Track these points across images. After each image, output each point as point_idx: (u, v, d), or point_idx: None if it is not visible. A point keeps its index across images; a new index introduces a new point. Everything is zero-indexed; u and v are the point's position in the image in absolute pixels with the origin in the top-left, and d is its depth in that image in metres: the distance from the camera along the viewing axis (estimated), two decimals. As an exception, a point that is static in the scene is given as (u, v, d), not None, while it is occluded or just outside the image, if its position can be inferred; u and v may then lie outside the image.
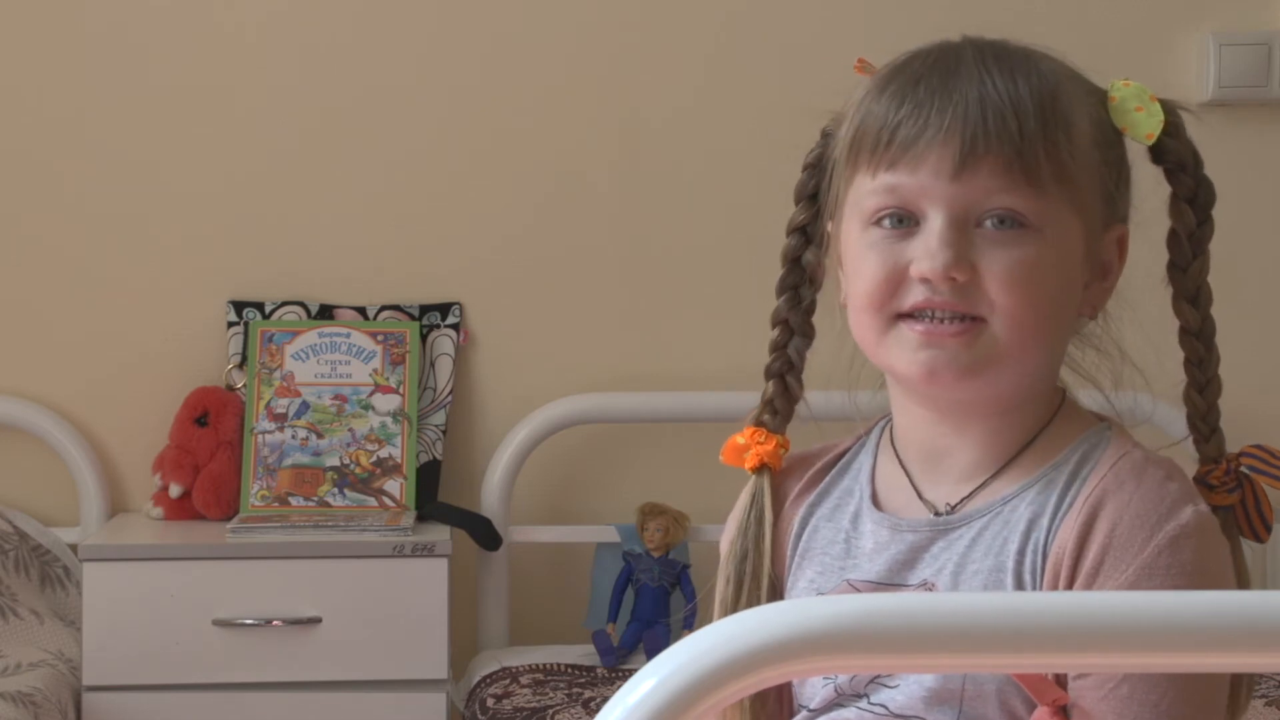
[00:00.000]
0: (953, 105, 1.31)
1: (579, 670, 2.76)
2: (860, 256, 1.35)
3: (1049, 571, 1.30)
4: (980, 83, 1.32)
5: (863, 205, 1.35)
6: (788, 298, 1.48)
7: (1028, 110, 1.31)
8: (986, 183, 1.30)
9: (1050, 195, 1.31)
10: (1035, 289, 1.31)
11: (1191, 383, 1.42)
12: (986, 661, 1.03)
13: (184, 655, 2.64)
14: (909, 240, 1.32)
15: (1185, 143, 1.40)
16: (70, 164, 2.95)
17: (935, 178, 1.31)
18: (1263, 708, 2.56)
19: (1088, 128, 1.34)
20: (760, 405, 1.49)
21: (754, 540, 1.45)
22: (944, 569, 1.34)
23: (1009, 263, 1.30)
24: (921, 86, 1.33)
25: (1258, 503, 1.41)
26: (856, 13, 3.00)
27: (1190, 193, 1.40)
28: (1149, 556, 1.26)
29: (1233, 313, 3.00)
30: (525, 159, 3.00)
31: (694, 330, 3.01)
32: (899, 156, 1.32)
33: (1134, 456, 1.33)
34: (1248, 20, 3.05)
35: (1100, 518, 1.29)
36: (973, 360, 1.31)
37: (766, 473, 1.47)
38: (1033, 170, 1.30)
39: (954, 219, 1.31)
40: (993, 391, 1.34)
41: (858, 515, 1.42)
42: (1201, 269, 1.41)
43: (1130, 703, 1.25)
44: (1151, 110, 1.37)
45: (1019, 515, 1.33)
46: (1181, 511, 1.28)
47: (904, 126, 1.32)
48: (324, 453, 2.87)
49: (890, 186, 1.33)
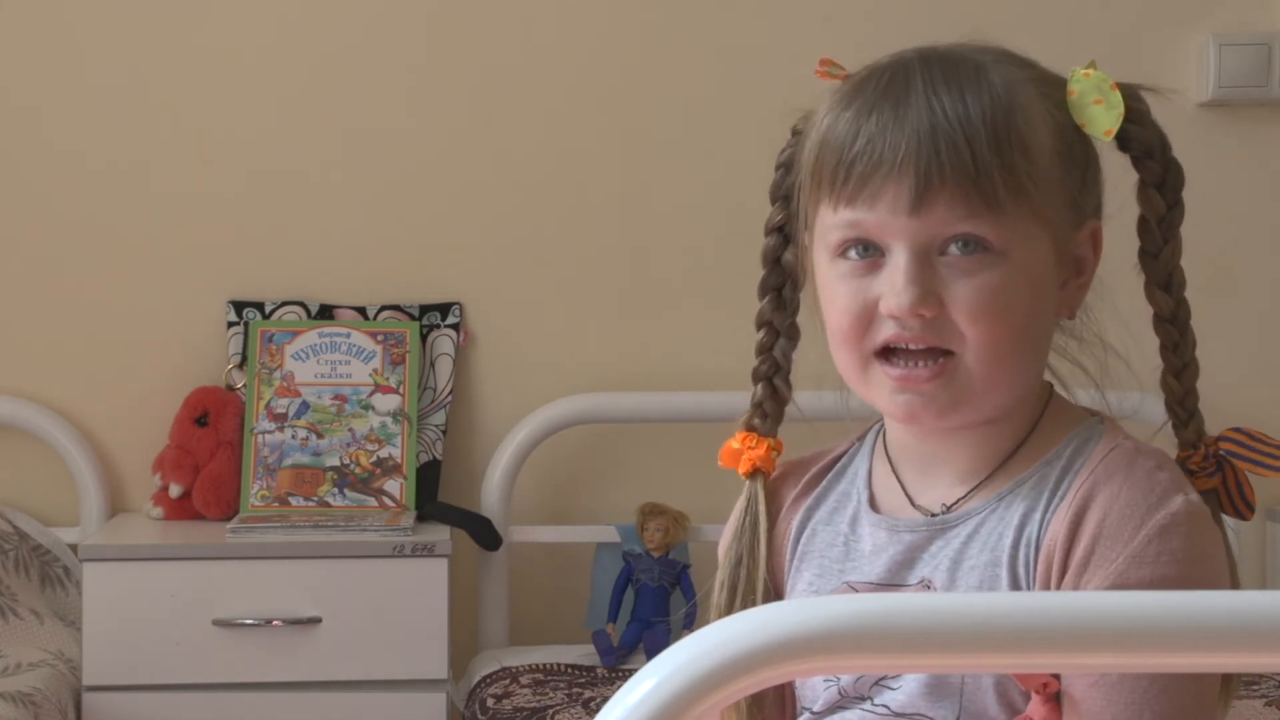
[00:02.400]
0: (905, 139, 1.30)
1: (579, 670, 2.76)
2: (832, 290, 1.35)
3: (1041, 563, 1.30)
4: (930, 110, 1.30)
5: (828, 239, 1.35)
6: (770, 299, 1.48)
7: (980, 136, 1.29)
8: (945, 213, 1.29)
9: (1011, 216, 1.30)
10: (1003, 316, 1.30)
11: (1168, 368, 1.41)
12: (987, 661, 1.03)
13: (184, 655, 2.64)
14: (876, 274, 1.32)
15: (1150, 127, 1.38)
16: (70, 164, 2.95)
17: (893, 214, 1.30)
18: (1263, 708, 2.56)
19: (1046, 139, 1.33)
20: (750, 409, 1.49)
21: (748, 545, 1.45)
22: (940, 566, 1.35)
23: (975, 292, 1.30)
24: (874, 118, 1.32)
25: (1239, 485, 1.41)
26: (856, 14, 3.00)
27: (1158, 178, 1.39)
28: (1139, 545, 1.26)
29: (1232, 312, 3.03)
30: (525, 159, 3.00)
31: (694, 330, 3.01)
32: (856, 194, 1.31)
33: (1125, 448, 1.33)
34: (1248, 20, 3.05)
35: (1091, 508, 1.29)
36: (951, 399, 1.32)
37: (760, 477, 1.47)
38: (990, 195, 1.29)
39: (917, 252, 1.30)
40: (975, 417, 1.35)
41: (856, 518, 1.42)
42: (1173, 253, 1.40)
43: (1119, 689, 1.25)
44: (1111, 101, 1.35)
45: (1013, 511, 1.33)
46: (1172, 500, 1.28)
47: (858, 163, 1.31)
48: (324, 453, 2.87)
49: (851, 222, 1.32)
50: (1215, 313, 2.87)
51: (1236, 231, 3.03)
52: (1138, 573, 1.25)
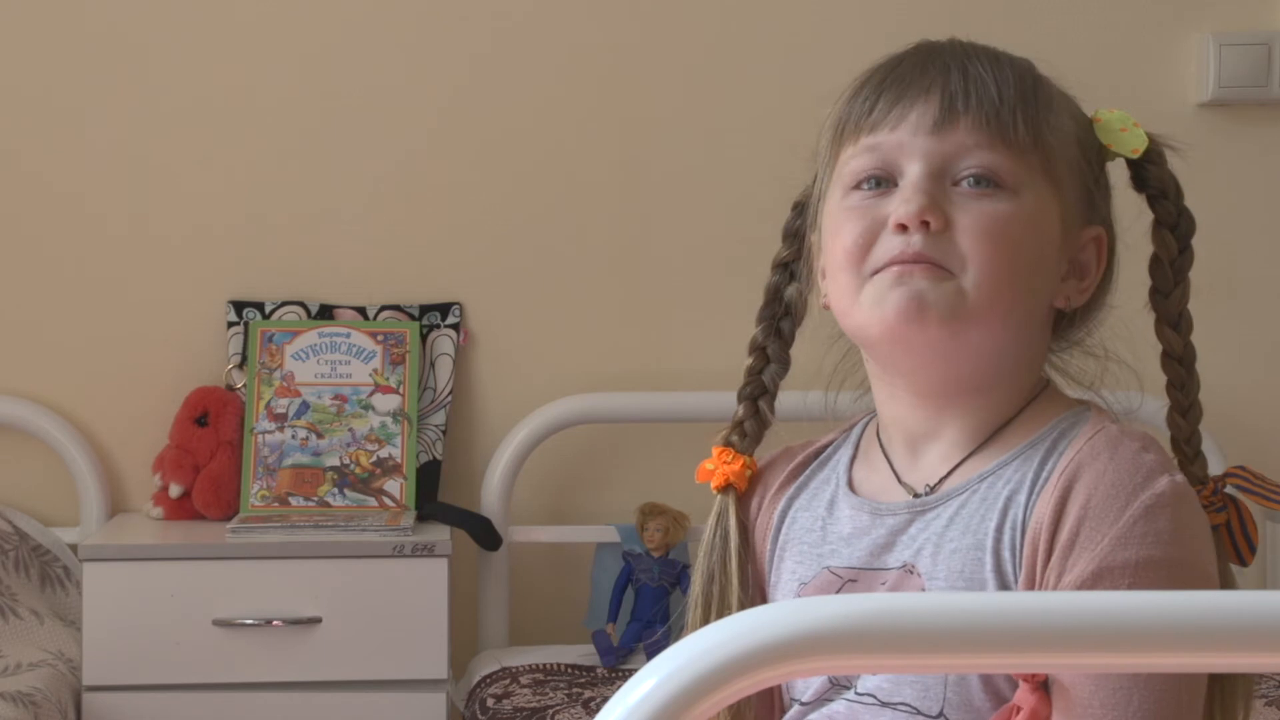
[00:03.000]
0: (936, 70, 1.36)
1: (579, 670, 2.76)
2: (839, 219, 1.37)
3: (1027, 546, 1.30)
4: (963, 61, 1.36)
5: (844, 172, 1.38)
6: (764, 327, 1.50)
7: (1009, 81, 1.35)
8: (964, 139, 1.33)
9: (1027, 160, 1.34)
10: (1007, 245, 1.32)
11: (1175, 406, 1.43)
12: (987, 661, 1.03)
13: (184, 655, 2.64)
14: (887, 198, 1.35)
15: (1167, 172, 1.42)
16: (70, 164, 2.95)
17: (914, 133, 1.34)
18: (1262, 707, 2.56)
19: (1070, 124, 1.38)
20: (730, 426, 1.51)
21: (720, 561, 1.47)
22: (923, 549, 1.35)
23: (982, 216, 1.32)
24: (904, 63, 1.38)
25: (1243, 523, 1.42)
26: (856, 13, 3.00)
27: (1173, 220, 1.42)
28: (1124, 526, 1.26)
29: (1232, 313, 3.03)
30: (525, 159, 3.00)
31: (694, 330, 3.01)
32: (881, 119, 1.36)
33: (1110, 430, 1.33)
34: (1248, 20, 3.05)
35: (1076, 489, 1.29)
36: (942, 300, 1.31)
37: (732, 493, 1.49)
38: (1010, 132, 1.33)
39: (931, 171, 1.34)
40: (964, 356, 1.35)
41: (833, 501, 1.43)
42: (1182, 296, 1.43)
43: (1106, 675, 1.25)
44: (1135, 134, 1.40)
45: (996, 492, 1.33)
46: (1157, 481, 1.28)
47: (886, 95, 1.36)
48: (324, 453, 2.87)
49: (871, 146, 1.36)
50: (1215, 313, 2.87)
51: (1236, 232, 3.03)
52: (1124, 553, 1.25)
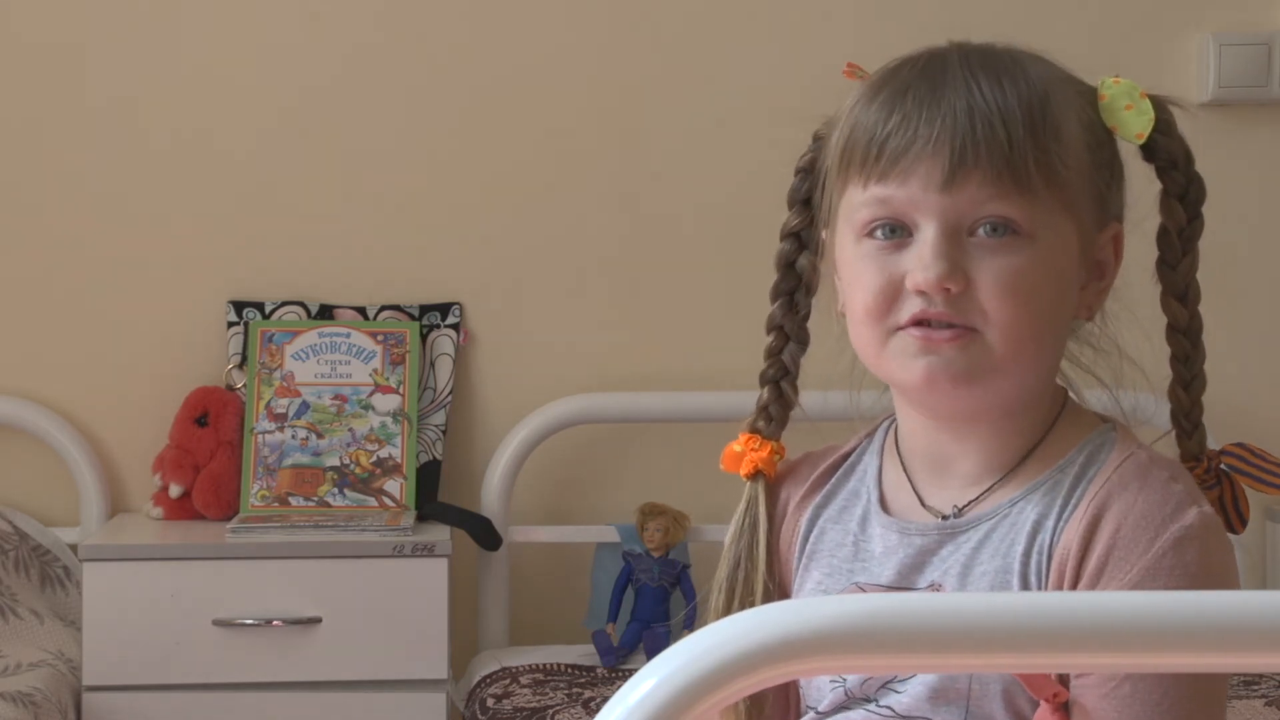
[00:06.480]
0: (940, 116, 1.31)
1: (579, 670, 2.76)
2: (856, 269, 1.35)
3: (1054, 573, 1.30)
4: (968, 91, 1.32)
5: (854, 217, 1.35)
6: (782, 303, 1.48)
7: (1016, 118, 1.31)
8: (977, 193, 1.30)
9: (1042, 201, 1.31)
10: (1028, 298, 1.31)
11: (1177, 379, 1.42)
12: (988, 661, 1.03)
13: (184, 655, 2.64)
14: (903, 252, 1.32)
15: (1176, 139, 1.39)
16: (70, 164, 2.95)
17: (925, 190, 1.31)
18: (1263, 707, 2.56)
19: (1078, 131, 1.34)
20: (755, 411, 1.49)
21: (747, 548, 1.45)
22: (950, 570, 1.34)
23: (1002, 271, 1.30)
24: (909, 97, 1.33)
25: (1235, 499, 1.41)
26: (856, 13, 3.00)
27: (1181, 189, 1.40)
28: (1153, 558, 1.26)
29: (1232, 312, 3.02)
30: (525, 159, 3.00)
31: (694, 330, 3.01)
32: (889, 169, 1.32)
33: (1139, 458, 1.32)
34: (1248, 20, 3.05)
35: (1105, 519, 1.28)
36: (968, 365, 1.31)
37: (761, 479, 1.47)
38: (1023, 178, 1.30)
39: (946, 229, 1.31)
40: (991, 400, 1.34)
41: (866, 518, 1.42)
42: (1191, 266, 1.41)
43: (1132, 702, 1.24)
44: (1141, 108, 1.36)
45: (1025, 517, 1.33)
46: (1186, 513, 1.28)
47: (893, 139, 1.32)
48: (324, 453, 2.87)
49: (881, 199, 1.33)
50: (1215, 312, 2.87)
51: (1237, 231, 3.03)
52: (1152, 585, 1.25)
